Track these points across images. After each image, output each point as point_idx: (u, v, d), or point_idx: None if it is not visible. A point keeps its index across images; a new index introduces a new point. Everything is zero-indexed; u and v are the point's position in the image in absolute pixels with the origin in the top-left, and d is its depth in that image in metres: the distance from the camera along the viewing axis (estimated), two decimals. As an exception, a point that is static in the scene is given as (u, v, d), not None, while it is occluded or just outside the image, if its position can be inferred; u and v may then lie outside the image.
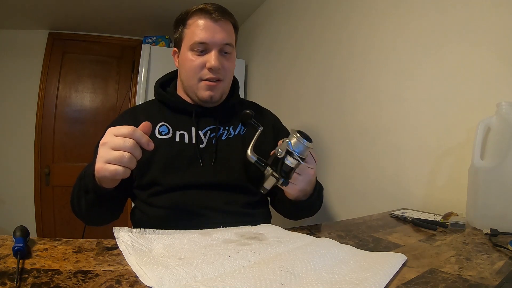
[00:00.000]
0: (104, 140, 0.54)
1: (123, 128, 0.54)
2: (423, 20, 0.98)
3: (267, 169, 0.58)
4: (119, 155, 0.52)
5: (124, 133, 0.54)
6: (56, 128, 2.42)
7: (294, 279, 0.37)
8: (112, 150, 0.53)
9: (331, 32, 1.40)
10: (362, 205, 1.16)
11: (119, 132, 0.54)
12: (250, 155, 0.59)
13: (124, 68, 2.58)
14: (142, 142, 0.54)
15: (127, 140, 0.53)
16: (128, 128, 0.54)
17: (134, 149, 0.53)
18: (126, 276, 0.37)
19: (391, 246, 0.54)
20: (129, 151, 0.53)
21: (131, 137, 0.53)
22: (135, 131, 0.54)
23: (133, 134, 0.54)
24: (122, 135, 0.53)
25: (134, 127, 0.54)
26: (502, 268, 0.43)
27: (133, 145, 0.53)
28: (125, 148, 0.53)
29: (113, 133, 0.54)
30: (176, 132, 0.80)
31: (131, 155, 0.53)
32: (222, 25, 0.78)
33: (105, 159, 0.53)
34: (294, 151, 0.56)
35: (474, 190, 0.69)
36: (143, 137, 0.54)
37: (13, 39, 2.32)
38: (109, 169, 0.53)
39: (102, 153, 0.54)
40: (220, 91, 0.81)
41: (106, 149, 0.53)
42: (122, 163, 0.52)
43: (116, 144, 0.53)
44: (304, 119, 1.55)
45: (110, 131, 0.55)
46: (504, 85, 0.76)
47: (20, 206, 2.32)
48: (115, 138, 0.53)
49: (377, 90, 1.14)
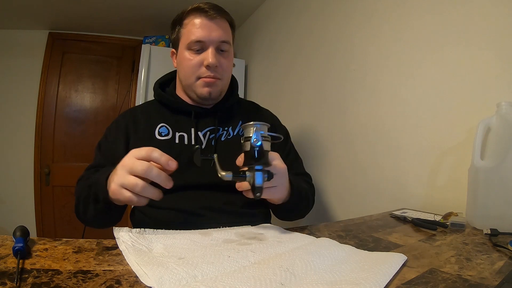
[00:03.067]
0: (123, 162, 0.52)
1: (143, 150, 0.52)
2: (423, 20, 0.98)
3: (248, 175, 0.55)
4: (132, 182, 0.50)
5: (142, 155, 0.52)
6: (56, 128, 2.42)
7: (294, 279, 0.37)
8: (129, 175, 0.51)
9: (331, 32, 1.40)
10: (362, 205, 1.16)
11: (138, 155, 0.52)
12: (224, 174, 0.55)
13: (124, 68, 2.58)
14: (162, 162, 0.52)
15: (142, 164, 0.50)
16: (146, 150, 0.52)
17: (151, 175, 0.50)
18: (126, 276, 0.37)
19: (391, 246, 0.54)
20: (144, 176, 0.50)
21: (148, 158, 0.51)
22: (153, 152, 0.51)
23: (150, 156, 0.51)
24: (141, 158, 0.51)
25: (153, 148, 0.52)
26: (502, 268, 0.43)
27: (147, 168, 0.50)
28: (140, 172, 0.50)
29: (133, 155, 0.52)
30: (175, 133, 0.80)
31: (145, 184, 0.51)
32: (218, 23, 0.78)
33: (120, 183, 0.51)
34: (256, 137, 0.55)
35: (474, 190, 0.69)
36: (162, 156, 0.52)
37: (13, 39, 2.32)
38: (124, 195, 0.51)
39: (119, 175, 0.52)
40: (218, 88, 0.81)
41: (123, 172, 0.52)
42: (136, 191, 0.51)
43: (133, 168, 0.51)
44: (304, 119, 1.55)
45: (131, 152, 0.53)
46: (504, 85, 0.76)
47: (20, 206, 2.32)
48: (134, 162, 0.51)
49: (377, 90, 1.14)
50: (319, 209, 1.34)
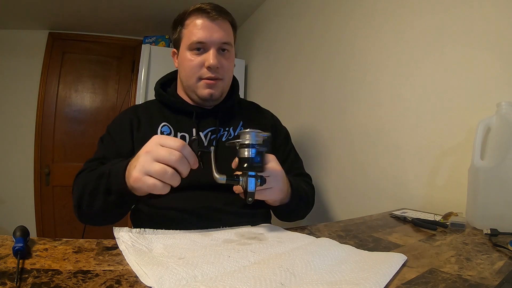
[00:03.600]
0: (147, 148, 0.49)
1: (171, 139, 0.49)
2: (423, 20, 0.98)
3: (241, 179, 0.56)
4: (161, 169, 0.47)
5: (171, 144, 0.48)
6: (56, 128, 2.42)
7: (294, 279, 0.37)
8: (155, 162, 0.48)
9: (331, 32, 1.40)
10: (362, 205, 1.16)
11: (166, 143, 0.49)
12: (218, 177, 0.55)
13: (124, 68, 2.58)
14: (191, 160, 0.50)
15: (173, 153, 0.48)
16: (177, 141, 0.49)
17: (180, 164, 0.48)
18: (126, 276, 0.37)
19: (391, 246, 0.54)
20: (174, 165, 0.48)
21: (179, 150, 0.48)
22: (185, 147, 0.49)
23: (183, 149, 0.49)
24: (169, 146, 0.48)
25: (183, 141, 0.49)
26: (502, 268, 0.43)
27: (180, 159, 0.48)
28: (170, 161, 0.47)
29: (158, 142, 0.49)
30: (177, 133, 0.80)
31: (174, 171, 0.48)
32: (220, 24, 0.78)
33: (145, 170, 0.48)
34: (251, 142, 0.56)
35: (474, 190, 0.69)
36: (192, 155, 0.50)
37: (13, 39, 2.32)
38: (147, 183, 0.48)
39: (143, 162, 0.49)
40: (220, 89, 0.81)
41: (148, 159, 0.48)
42: (164, 178, 0.48)
43: (160, 155, 0.48)
44: (304, 119, 1.55)
45: (156, 139, 0.50)
46: (504, 85, 0.76)
47: (20, 206, 2.32)
48: (161, 149, 0.48)
49: (377, 90, 1.14)
50: (319, 209, 1.34)
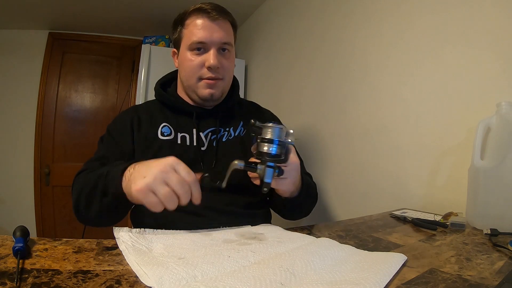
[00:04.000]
0: (162, 167, 0.50)
1: (186, 170, 0.51)
2: (423, 20, 0.98)
3: (259, 167, 0.56)
4: (168, 193, 0.49)
5: (184, 176, 0.50)
6: (56, 128, 2.42)
7: (294, 279, 0.37)
8: (164, 185, 0.49)
9: (332, 32, 1.40)
10: (362, 205, 1.16)
11: (181, 170, 0.51)
12: (237, 163, 0.56)
13: (124, 68, 2.58)
14: (195, 195, 0.52)
15: (185, 186, 0.50)
16: (191, 174, 0.51)
17: (185, 196, 0.50)
18: (126, 276, 0.37)
19: (391, 246, 0.54)
20: (179, 195, 0.50)
21: (190, 185, 0.51)
22: (196, 183, 0.52)
23: (194, 185, 0.51)
24: (183, 177, 0.50)
25: (195, 176, 0.52)
26: (502, 268, 0.43)
27: (187, 192, 0.50)
28: (178, 191, 0.49)
29: (174, 167, 0.51)
30: (177, 133, 0.80)
31: (177, 199, 0.50)
32: (220, 24, 0.78)
33: (152, 187, 0.49)
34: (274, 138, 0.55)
35: (474, 190, 0.69)
36: (198, 192, 0.52)
37: (13, 39, 2.32)
38: (149, 199, 0.49)
39: (153, 179, 0.49)
40: (220, 89, 0.81)
41: (159, 178, 0.49)
42: (166, 202, 0.49)
43: (172, 182, 0.49)
44: (304, 119, 1.55)
45: (173, 162, 0.51)
46: (504, 85, 0.76)
47: (20, 206, 2.32)
48: (175, 175, 0.50)
49: (377, 90, 1.14)
50: (319, 209, 1.34)
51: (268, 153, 0.54)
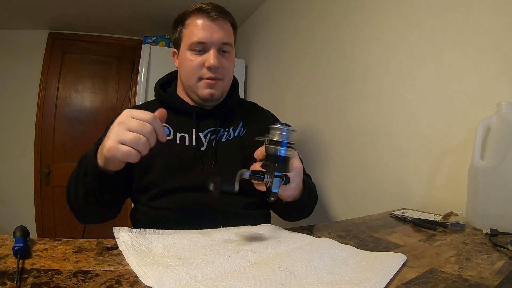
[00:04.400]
0: (120, 119, 0.52)
1: (143, 112, 0.52)
2: (423, 20, 0.98)
3: (266, 176, 0.55)
4: (135, 137, 0.50)
5: (143, 117, 0.52)
6: (56, 128, 2.42)
7: (294, 279, 0.37)
8: (128, 132, 0.51)
9: (332, 32, 1.40)
10: (362, 205, 1.16)
11: (139, 116, 0.52)
12: (243, 172, 0.55)
13: (124, 68, 2.58)
14: (159, 133, 0.53)
15: (146, 125, 0.51)
16: (148, 114, 0.52)
17: (151, 135, 0.52)
18: (126, 276, 0.37)
19: (391, 246, 0.54)
20: (146, 136, 0.51)
21: (150, 123, 0.52)
22: (156, 120, 0.52)
23: (153, 122, 0.52)
24: (141, 119, 0.51)
25: (154, 114, 0.53)
26: (502, 268, 0.43)
27: (151, 131, 0.51)
28: (143, 132, 0.51)
29: (131, 115, 0.52)
30: (177, 134, 0.80)
31: (146, 140, 0.51)
32: (220, 24, 0.78)
33: (119, 139, 0.51)
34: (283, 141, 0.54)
35: (474, 190, 0.69)
36: (162, 128, 0.53)
37: (13, 39, 2.32)
38: (121, 150, 0.51)
39: (117, 132, 0.51)
40: (220, 89, 0.81)
41: (122, 129, 0.51)
42: (137, 146, 0.51)
43: (133, 126, 0.51)
44: (304, 119, 1.55)
45: (128, 112, 0.53)
46: (504, 85, 0.76)
47: (20, 206, 2.32)
48: (133, 120, 0.51)
49: (377, 90, 1.14)
50: (319, 209, 1.34)
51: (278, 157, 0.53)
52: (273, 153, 0.53)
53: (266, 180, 0.55)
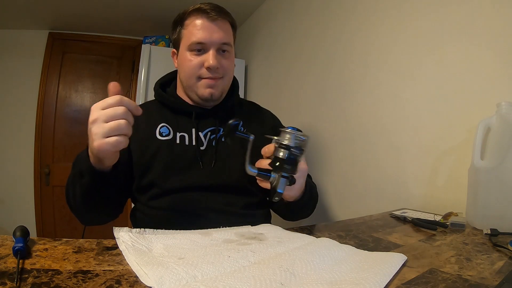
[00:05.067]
0: (93, 117, 0.52)
1: (108, 99, 0.52)
2: (423, 20, 0.98)
3: (272, 175, 0.56)
4: (115, 125, 0.51)
5: (111, 103, 0.52)
6: (56, 128, 2.42)
7: (294, 279, 0.37)
8: (106, 123, 0.51)
9: (331, 32, 1.40)
10: (362, 205, 1.16)
11: (106, 104, 0.52)
12: (249, 168, 0.56)
13: (124, 68, 2.58)
14: (132, 108, 0.53)
15: (117, 108, 0.51)
16: (113, 97, 0.52)
17: (127, 115, 0.52)
18: (126, 276, 0.37)
19: (391, 246, 0.54)
20: (123, 118, 0.51)
21: (120, 104, 0.52)
22: (122, 98, 0.52)
23: (122, 101, 0.52)
24: (109, 106, 0.51)
25: (118, 95, 0.52)
26: (502, 268, 0.43)
27: (125, 111, 0.52)
28: (119, 116, 0.51)
29: (99, 107, 0.52)
30: (176, 133, 0.80)
31: (127, 121, 0.52)
32: (219, 24, 0.78)
33: (102, 134, 0.51)
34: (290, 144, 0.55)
35: (474, 190, 0.69)
36: (131, 102, 0.53)
37: (13, 39, 2.32)
38: (110, 142, 0.51)
39: (96, 129, 0.52)
40: (220, 88, 0.81)
41: (99, 125, 0.51)
42: (122, 131, 0.51)
43: (108, 115, 0.51)
44: (304, 119, 1.55)
45: (95, 107, 0.52)
46: (504, 85, 0.76)
47: (20, 206, 2.32)
48: (104, 111, 0.51)
49: (377, 90, 1.14)
50: (319, 209, 1.34)
51: (285, 159, 0.54)
52: (283, 154, 0.54)
53: (273, 179, 0.55)
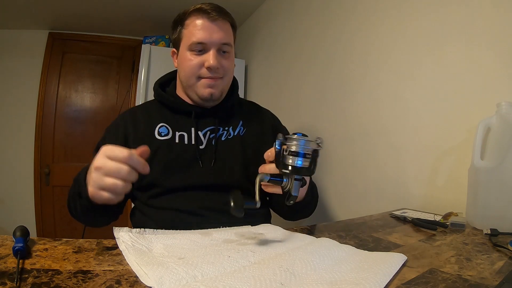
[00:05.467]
0: (97, 164, 0.51)
1: (118, 151, 0.50)
2: (423, 20, 0.98)
3: (285, 180, 0.54)
4: (112, 184, 0.50)
5: (119, 157, 0.50)
6: (56, 128, 2.42)
7: (294, 279, 0.37)
8: (106, 177, 0.50)
9: (331, 32, 1.40)
10: (362, 205, 1.16)
11: (114, 155, 0.50)
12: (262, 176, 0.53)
13: (124, 68, 2.58)
14: (139, 168, 0.51)
15: (121, 168, 0.50)
16: (123, 152, 0.50)
17: (128, 176, 0.50)
18: (126, 276, 0.37)
19: (391, 246, 0.54)
20: (123, 178, 0.50)
21: (126, 162, 0.50)
22: (131, 157, 0.50)
23: (129, 160, 0.50)
24: (116, 159, 0.50)
25: (130, 151, 0.51)
26: (502, 268, 0.43)
27: (128, 172, 0.50)
28: (119, 175, 0.50)
29: (107, 155, 0.51)
30: (175, 133, 0.80)
31: (124, 183, 0.50)
32: (219, 25, 0.78)
33: (98, 185, 0.51)
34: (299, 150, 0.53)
35: (474, 190, 0.69)
36: (140, 162, 0.51)
37: (13, 39, 2.32)
38: (103, 196, 0.51)
39: (95, 178, 0.51)
40: (220, 88, 0.81)
41: (99, 176, 0.50)
42: (116, 191, 0.51)
43: (110, 171, 0.50)
44: (304, 119, 1.55)
45: (104, 152, 0.51)
46: (504, 85, 0.76)
47: (20, 206, 2.32)
48: (109, 163, 0.50)
49: (377, 90, 1.14)
50: (319, 209, 1.34)
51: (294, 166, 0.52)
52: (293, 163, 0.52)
53: (285, 184, 0.54)
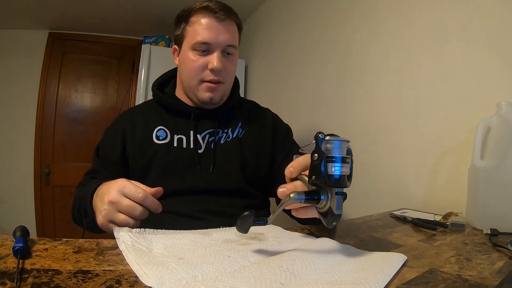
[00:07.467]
0: (112, 199, 0.52)
1: (134, 191, 0.51)
2: (423, 20, 0.98)
3: (323, 197, 0.43)
4: (124, 220, 0.51)
5: (134, 197, 0.51)
6: (56, 128, 2.42)
7: (294, 279, 0.37)
8: (119, 213, 0.52)
9: (331, 32, 1.40)
10: (362, 205, 1.16)
11: (130, 194, 0.51)
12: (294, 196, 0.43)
13: (124, 68, 2.58)
14: (152, 209, 0.53)
15: (135, 208, 0.51)
16: (139, 192, 0.51)
17: (141, 216, 0.52)
18: (126, 276, 0.37)
19: (391, 246, 0.54)
20: (135, 217, 0.52)
21: (142, 202, 0.52)
22: (146, 199, 0.52)
23: (145, 201, 0.52)
24: (132, 198, 0.51)
25: (145, 192, 0.52)
26: (502, 268, 0.43)
27: (141, 212, 0.52)
28: (132, 215, 0.51)
29: (122, 193, 0.52)
30: (174, 136, 0.79)
31: (135, 221, 0.52)
32: (226, 26, 0.76)
33: (109, 218, 0.52)
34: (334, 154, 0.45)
35: (474, 190, 0.69)
36: (153, 203, 0.53)
37: (13, 39, 2.32)
38: (110, 228, 0.52)
39: (108, 211, 0.52)
40: (220, 93, 0.80)
41: (112, 210, 0.52)
42: (126, 227, 0.51)
43: (123, 208, 0.51)
44: (304, 119, 1.55)
45: (120, 187, 0.52)
46: (504, 85, 0.76)
47: (20, 206, 2.32)
48: (124, 201, 0.51)
49: (377, 90, 1.14)
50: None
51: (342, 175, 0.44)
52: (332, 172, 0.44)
53: (325, 202, 0.43)
